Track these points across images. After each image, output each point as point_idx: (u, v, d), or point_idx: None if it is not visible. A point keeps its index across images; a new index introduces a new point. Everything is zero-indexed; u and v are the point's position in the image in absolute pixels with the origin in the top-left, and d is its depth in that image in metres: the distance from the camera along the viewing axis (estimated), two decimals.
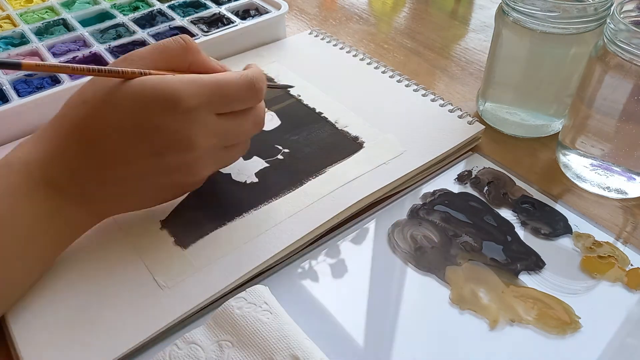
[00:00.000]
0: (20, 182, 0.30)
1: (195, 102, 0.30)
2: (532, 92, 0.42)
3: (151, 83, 0.30)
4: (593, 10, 0.37)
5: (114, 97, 0.30)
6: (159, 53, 0.32)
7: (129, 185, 0.32)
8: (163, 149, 0.30)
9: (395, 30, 0.62)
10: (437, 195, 0.39)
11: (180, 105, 0.30)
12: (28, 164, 0.31)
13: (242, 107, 0.33)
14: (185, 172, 0.32)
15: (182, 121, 0.30)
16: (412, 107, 0.46)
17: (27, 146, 0.31)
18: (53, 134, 0.31)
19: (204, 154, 0.32)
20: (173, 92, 0.29)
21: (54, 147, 0.31)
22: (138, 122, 0.30)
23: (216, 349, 0.28)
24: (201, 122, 0.31)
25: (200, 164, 0.32)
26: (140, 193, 0.33)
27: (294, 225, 0.36)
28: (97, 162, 0.31)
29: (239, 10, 0.57)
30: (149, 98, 0.29)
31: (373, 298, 0.33)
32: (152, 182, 0.32)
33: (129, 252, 0.34)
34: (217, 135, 0.32)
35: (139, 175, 0.31)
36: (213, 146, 0.32)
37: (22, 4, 0.57)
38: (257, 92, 0.33)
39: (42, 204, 0.31)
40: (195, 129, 0.30)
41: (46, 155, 0.31)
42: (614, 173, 0.38)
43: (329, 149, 0.42)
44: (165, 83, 0.30)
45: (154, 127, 0.30)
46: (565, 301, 0.32)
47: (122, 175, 0.31)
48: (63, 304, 0.31)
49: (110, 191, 0.32)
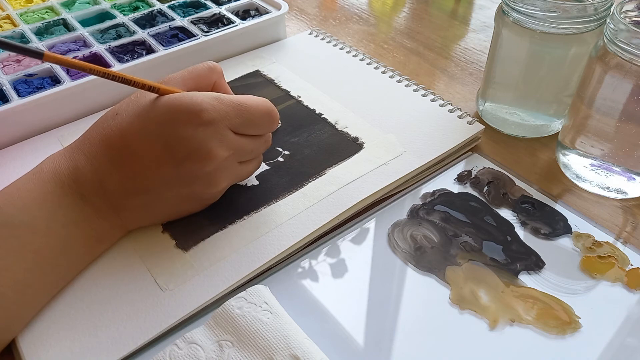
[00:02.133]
0: (52, 191, 0.31)
1: (216, 115, 0.32)
2: (532, 92, 0.42)
3: (179, 96, 0.32)
4: (593, 10, 0.37)
5: (145, 110, 0.32)
6: (188, 73, 0.35)
7: (153, 196, 0.33)
8: (184, 159, 0.32)
9: (395, 30, 0.62)
10: (437, 195, 0.39)
11: (202, 117, 0.32)
12: (59, 174, 0.32)
13: (260, 131, 0.35)
14: (204, 183, 0.33)
15: (203, 132, 0.32)
16: (412, 107, 0.46)
17: (57, 158, 0.33)
18: (83, 145, 0.33)
19: (221, 166, 0.33)
20: (197, 105, 0.32)
21: (83, 158, 0.33)
22: (164, 131, 0.32)
23: (216, 349, 0.28)
24: (220, 135, 0.32)
25: (217, 175, 0.34)
26: (163, 204, 0.34)
27: (295, 227, 0.36)
28: (124, 171, 0.32)
29: (239, 11, 0.57)
30: (175, 109, 0.32)
31: (373, 298, 0.33)
32: (173, 193, 0.34)
33: (131, 255, 0.34)
34: (233, 149, 0.34)
35: (162, 186, 0.33)
36: (229, 159, 0.34)
37: (22, 4, 0.57)
38: (274, 120, 0.36)
39: (73, 214, 0.32)
40: (214, 141, 0.32)
41: (77, 165, 0.32)
42: (614, 173, 0.38)
43: (329, 150, 0.42)
44: (190, 97, 0.32)
45: (178, 137, 0.32)
46: (565, 301, 0.32)
47: (147, 185, 0.33)
48: (65, 306, 0.31)
49: (135, 202, 0.33)
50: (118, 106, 0.34)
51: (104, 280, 0.33)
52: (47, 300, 0.31)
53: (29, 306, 0.30)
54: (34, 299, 0.30)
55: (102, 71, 0.30)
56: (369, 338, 0.31)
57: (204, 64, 0.36)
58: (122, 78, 0.31)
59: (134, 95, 0.34)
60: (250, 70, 0.52)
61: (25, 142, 0.43)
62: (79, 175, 0.32)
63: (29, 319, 0.30)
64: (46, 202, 0.31)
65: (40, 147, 0.43)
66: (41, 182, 0.31)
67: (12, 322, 0.30)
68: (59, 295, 0.32)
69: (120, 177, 0.33)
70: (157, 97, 0.32)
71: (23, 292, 0.30)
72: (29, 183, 0.31)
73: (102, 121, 0.34)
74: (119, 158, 0.32)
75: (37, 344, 0.29)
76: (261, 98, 0.35)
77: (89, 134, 0.34)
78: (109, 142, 0.33)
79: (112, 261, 0.34)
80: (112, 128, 0.33)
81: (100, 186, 0.32)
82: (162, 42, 0.51)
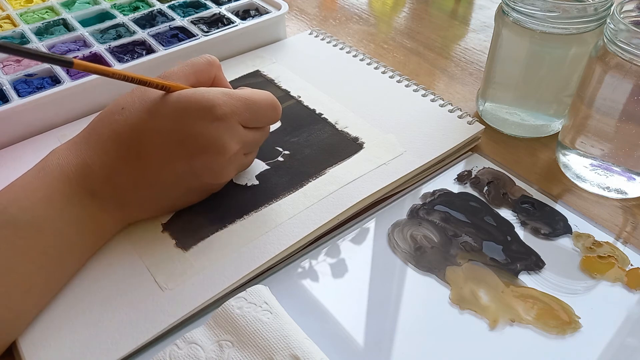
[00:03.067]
0: (58, 187, 0.31)
1: (228, 110, 0.33)
2: (532, 92, 0.42)
3: (190, 93, 0.33)
4: (593, 10, 0.37)
5: (155, 105, 0.32)
6: (189, 68, 0.35)
7: (162, 188, 0.34)
8: (198, 153, 0.33)
9: (395, 30, 0.62)
10: (437, 195, 0.39)
11: (215, 112, 0.32)
12: (65, 170, 0.32)
13: (265, 124, 0.37)
14: (215, 175, 0.34)
15: (216, 127, 0.32)
16: (412, 107, 0.46)
17: (62, 152, 0.33)
18: (89, 140, 0.33)
19: (231, 158, 0.34)
20: (209, 101, 0.32)
21: (91, 153, 0.33)
22: (177, 127, 0.32)
23: (216, 349, 0.28)
24: (232, 130, 0.33)
25: (227, 167, 0.34)
26: (171, 196, 0.35)
27: (295, 227, 0.36)
28: (135, 166, 0.33)
29: (239, 11, 0.57)
30: (188, 106, 0.32)
31: (373, 298, 0.33)
32: (183, 185, 0.34)
33: (131, 255, 0.34)
34: (242, 142, 0.34)
35: (173, 178, 0.33)
36: (239, 152, 0.35)
37: (22, 4, 0.57)
38: (278, 113, 0.37)
39: (78, 210, 0.32)
40: (227, 135, 0.33)
41: (84, 161, 0.32)
42: (613, 173, 0.38)
43: (329, 150, 0.42)
44: (202, 93, 0.33)
45: (192, 132, 0.32)
46: (565, 301, 0.32)
47: (157, 179, 0.33)
48: (65, 306, 0.31)
49: (143, 195, 0.34)
50: (123, 100, 0.34)
51: (104, 281, 0.33)
52: (51, 299, 0.31)
53: (34, 305, 0.30)
54: (38, 298, 0.30)
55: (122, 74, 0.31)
56: (369, 338, 0.31)
57: (203, 58, 0.36)
58: (138, 80, 0.31)
59: (137, 90, 0.34)
60: (250, 70, 0.52)
61: (25, 142, 0.43)
62: (89, 171, 0.32)
63: (33, 318, 0.30)
64: (53, 201, 0.31)
65: (41, 147, 0.43)
66: (48, 180, 0.31)
67: (17, 321, 0.29)
68: (59, 295, 0.32)
69: (131, 171, 0.33)
70: (166, 94, 0.33)
71: (28, 291, 0.30)
72: (35, 181, 0.31)
73: (108, 115, 0.34)
74: (130, 153, 0.32)
75: (37, 344, 0.29)
76: (265, 91, 0.36)
77: (95, 129, 0.34)
78: (118, 138, 0.33)
79: (112, 261, 0.34)
80: (121, 123, 0.33)
81: (110, 181, 0.32)
82: (162, 42, 0.51)
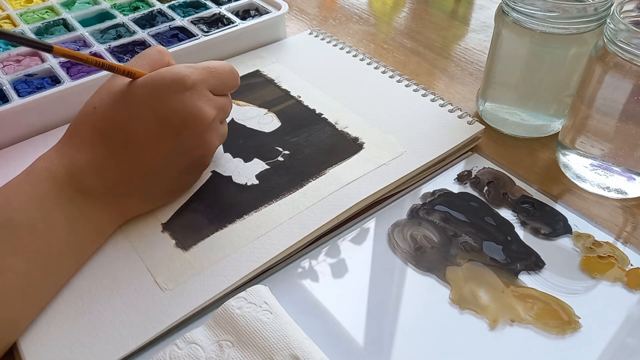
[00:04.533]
0: (48, 190, 0.31)
1: (197, 77, 0.34)
2: (532, 92, 0.42)
3: (156, 73, 0.34)
4: (593, 10, 0.37)
5: (126, 94, 0.33)
6: (142, 59, 0.36)
7: (154, 174, 0.34)
8: (180, 128, 0.33)
9: (395, 30, 0.62)
10: (437, 195, 0.39)
11: (186, 82, 0.33)
12: (54, 173, 0.32)
13: (228, 90, 0.38)
14: (201, 146, 0.35)
15: (190, 97, 0.34)
16: (412, 107, 0.46)
17: (48, 157, 0.33)
18: (73, 142, 0.33)
19: (212, 126, 0.35)
20: (177, 74, 0.33)
21: (77, 153, 0.33)
22: (154, 107, 0.33)
23: (216, 349, 0.28)
24: (204, 96, 0.35)
25: (211, 134, 0.36)
26: (163, 182, 0.35)
27: (294, 227, 0.36)
28: (123, 157, 0.33)
29: (239, 11, 0.57)
30: (159, 84, 0.33)
31: (373, 298, 0.33)
32: (174, 166, 0.35)
33: (131, 255, 0.34)
34: (217, 108, 0.36)
35: (163, 161, 0.34)
36: (216, 119, 0.36)
37: (22, 4, 0.57)
38: (238, 79, 0.39)
39: (71, 212, 0.32)
40: (202, 101, 0.34)
41: (71, 161, 0.32)
42: (613, 173, 0.38)
43: (329, 150, 0.42)
44: (168, 70, 0.34)
45: (169, 108, 0.33)
46: (565, 301, 0.32)
47: (147, 165, 0.34)
48: (65, 306, 0.31)
49: (137, 185, 0.34)
50: (91, 101, 0.34)
51: (103, 280, 0.33)
52: (51, 299, 0.31)
53: (33, 305, 0.30)
54: (37, 298, 0.30)
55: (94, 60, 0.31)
56: (369, 338, 0.31)
57: (153, 48, 0.37)
58: (108, 66, 0.32)
59: (102, 88, 0.35)
60: (250, 70, 0.52)
61: (25, 142, 0.43)
62: (76, 170, 0.32)
63: (33, 318, 0.30)
64: (43, 201, 0.31)
65: (40, 147, 0.42)
66: (36, 182, 0.31)
67: (17, 322, 0.29)
68: (59, 295, 0.32)
69: (120, 164, 0.33)
70: (132, 80, 0.34)
71: (26, 292, 0.30)
72: (23, 184, 0.31)
73: (83, 117, 0.34)
74: (116, 146, 0.33)
75: (37, 344, 0.29)
76: (222, 61, 0.38)
77: (75, 131, 0.34)
78: (100, 134, 0.33)
79: (111, 261, 0.34)
80: (99, 120, 0.33)
81: (101, 177, 0.33)
82: (162, 42, 0.51)
